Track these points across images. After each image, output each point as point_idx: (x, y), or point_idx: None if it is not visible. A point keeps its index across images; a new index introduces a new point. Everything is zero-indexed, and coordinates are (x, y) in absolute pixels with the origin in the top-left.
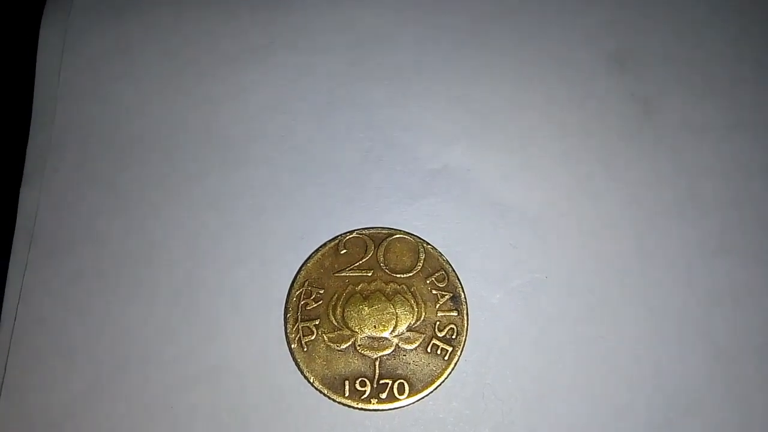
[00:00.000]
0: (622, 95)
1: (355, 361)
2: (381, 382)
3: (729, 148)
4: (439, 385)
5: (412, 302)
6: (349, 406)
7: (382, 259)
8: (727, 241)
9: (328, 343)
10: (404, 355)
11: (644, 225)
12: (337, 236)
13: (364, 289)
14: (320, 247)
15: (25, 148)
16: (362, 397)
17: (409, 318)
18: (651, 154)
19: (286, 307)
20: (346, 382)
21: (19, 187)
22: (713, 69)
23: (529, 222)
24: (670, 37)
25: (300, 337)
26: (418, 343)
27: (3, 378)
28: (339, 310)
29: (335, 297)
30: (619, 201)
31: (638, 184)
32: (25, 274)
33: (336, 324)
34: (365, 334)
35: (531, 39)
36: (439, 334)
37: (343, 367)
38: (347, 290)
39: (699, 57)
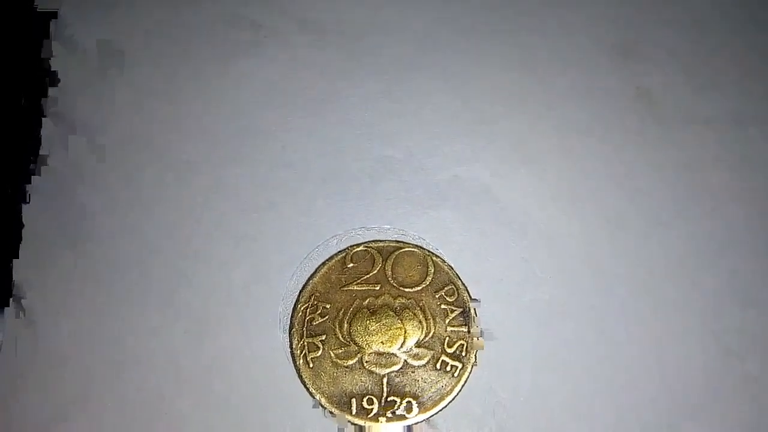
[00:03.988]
0: (625, 89)
1: (362, 378)
2: (389, 399)
3: (735, 141)
4: (449, 403)
5: (421, 317)
6: (357, 425)
7: (390, 272)
8: (734, 237)
9: (335, 360)
10: (413, 372)
11: (649, 222)
12: (344, 249)
13: (372, 304)
14: (327, 260)
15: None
16: (369, 416)
17: (417, 333)
18: (655, 148)
19: (291, 322)
20: (353, 400)
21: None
22: (718, 61)
23: (542, 235)
24: (674, 28)
25: (305, 353)
26: (426, 359)
27: None
28: (345, 325)
29: (342, 312)
30: (623, 198)
31: (642, 180)
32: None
33: (342, 340)
34: (372, 350)
35: (532, 35)
36: (449, 351)
37: (349, 385)
38: (354, 305)
39: (704, 48)
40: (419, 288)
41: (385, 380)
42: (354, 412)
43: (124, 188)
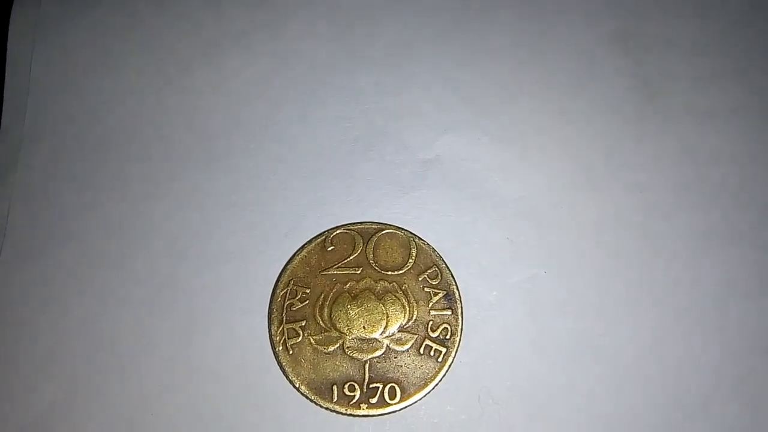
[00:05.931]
0: (624, 79)
1: (344, 365)
2: (371, 386)
3: (735, 132)
4: (433, 388)
5: (404, 301)
6: (338, 412)
7: (371, 255)
8: (734, 229)
9: (315, 346)
10: (395, 357)
11: (648, 214)
12: (324, 232)
13: (353, 288)
14: (306, 243)
15: None
16: (351, 403)
17: (400, 318)
18: (654, 139)
19: (270, 308)
20: (334, 387)
21: None
22: (718, 51)
23: (527, 214)
24: (673, 17)
25: (285, 339)
26: (410, 344)
27: None
28: (326, 310)
29: (322, 297)
30: (621, 189)
31: (641, 172)
32: None
33: (323, 325)
34: (354, 336)
35: (528, 21)
36: (432, 335)
37: (330, 371)
38: (335, 289)
39: (703, 38)
40: (402, 271)
41: (367, 366)
42: (335, 399)
43: (110, 186)
